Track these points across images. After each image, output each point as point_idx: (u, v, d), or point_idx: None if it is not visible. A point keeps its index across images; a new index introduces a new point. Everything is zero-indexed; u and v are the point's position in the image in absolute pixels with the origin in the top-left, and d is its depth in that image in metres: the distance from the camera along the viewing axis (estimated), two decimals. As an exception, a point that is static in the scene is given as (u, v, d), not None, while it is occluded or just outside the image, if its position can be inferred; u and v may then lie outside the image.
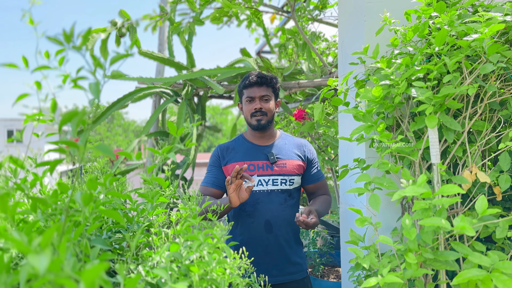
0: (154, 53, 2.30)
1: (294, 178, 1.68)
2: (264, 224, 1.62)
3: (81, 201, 0.75)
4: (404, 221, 1.00)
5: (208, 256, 0.85)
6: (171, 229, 1.00)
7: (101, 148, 0.65)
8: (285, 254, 1.63)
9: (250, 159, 1.68)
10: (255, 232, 1.62)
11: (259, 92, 1.67)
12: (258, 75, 1.70)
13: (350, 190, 1.16)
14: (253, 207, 1.63)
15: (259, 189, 1.64)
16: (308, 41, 2.23)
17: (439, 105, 1.12)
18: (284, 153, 1.70)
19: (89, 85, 0.65)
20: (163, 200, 1.08)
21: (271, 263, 1.61)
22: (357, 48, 1.51)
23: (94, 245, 0.88)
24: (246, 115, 1.71)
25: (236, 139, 1.79)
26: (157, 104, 2.84)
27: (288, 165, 1.68)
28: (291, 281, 1.64)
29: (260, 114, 1.67)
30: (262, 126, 1.68)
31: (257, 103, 1.67)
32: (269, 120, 1.69)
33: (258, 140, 1.74)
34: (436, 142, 1.10)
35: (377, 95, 1.18)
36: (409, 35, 1.26)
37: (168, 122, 0.82)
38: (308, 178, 1.75)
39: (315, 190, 1.78)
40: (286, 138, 1.78)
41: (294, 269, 1.65)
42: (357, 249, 1.10)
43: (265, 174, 1.65)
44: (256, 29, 3.18)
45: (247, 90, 1.70)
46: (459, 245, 1.01)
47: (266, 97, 1.68)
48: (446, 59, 1.09)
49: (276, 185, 1.65)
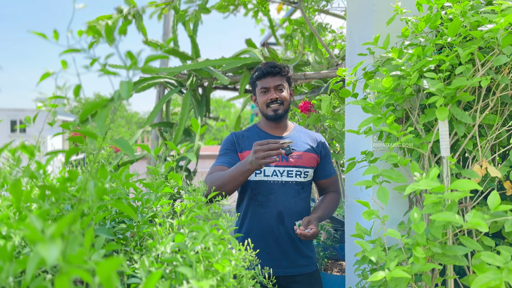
0: (158, 42, 2.28)
1: (308, 171, 1.66)
2: (277, 215, 1.60)
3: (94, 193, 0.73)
4: (413, 215, 0.98)
5: (214, 247, 0.84)
6: (176, 220, 0.98)
7: (120, 143, 0.63)
8: (296, 246, 1.61)
9: None
10: (267, 222, 1.60)
11: (273, 82, 1.64)
12: (271, 64, 1.67)
13: (357, 182, 1.14)
14: (266, 198, 1.61)
15: (273, 180, 1.62)
16: (315, 31, 2.19)
17: (450, 97, 1.09)
18: (300, 145, 1.68)
19: (120, 83, 0.61)
20: (168, 190, 1.06)
21: (282, 254, 1.60)
22: (365, 39, 1.48)
23: (99, 234, 0.86)
24: (262, 106, 1.68)
25: (250, 129, 1.76)
26: (161, 95, 2.82)
27: (304, 157, 1.66)
28: (302, 274, 1.62)
29: (276, 104, 1.65)
30: (279, 116, 1.65)
31: (272, 93, 1.64)
32: (285, 109, 1.67)
33: (273, 130, 1.71)
34: (446, 135, 1.07)
35: (387, 86, 1.16)
36: (421, 25, 1.23)
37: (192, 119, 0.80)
38: (321, 173, 1.72)
39: (326, 186, 1.76)
40: (301, 130, 1.76)
41: (305, 261, 1.64)
42: (364, 242, 1.08)
43: (280, 165, 1.63)
44: (261, 19, 3.14)
45: (260, 81, 1.67)
46: (468, 240, 1.00)
47: (281, 87, 1.66)
48: (459, 50, 1.06)
49: (291, 177, 1.62)
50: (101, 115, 0.50)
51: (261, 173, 1.62)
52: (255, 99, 1.74)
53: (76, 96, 0.64)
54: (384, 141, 1.26)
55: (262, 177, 1.62)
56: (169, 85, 2.66)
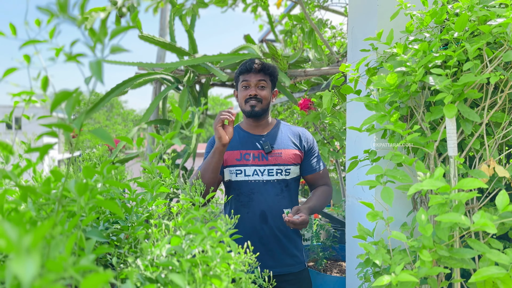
0: (155, 37, 2.22)
1: (290, 168, 1.63)
2: (260, 214, 1.58)
3: (75, 191, 0.69)
4: (419, 217, 0.94)
5: (212, 250, 0.79)
6: (172, 221, 0.94)
7: (98, 133, 0.59)
8: (282, 245, 1.59)
9: (245, 148, 1.64)
10: (250, 222, 1.58)
11: (255, 78, 1.61)
12: (256, 61, 1.64)
13: (361, 182, 1.10)
14: (248, 198, 1.59)
15: (254, 179, 1.60)
16: (315, 27, 2.15)
17: (458, 95, 1.06)
18: (280, 142, 1.65)
19: (89, 64, 0.58)
20: (163, 190, 1.02)
21: (267, 254, 1.57)
22: (368, 34, 1.44)
23: (90, 237, 0.82)
24: (241, 101, 1.65)
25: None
26: (158, 91, 2.76)
27: (283, 154, 1.63)
28: (289, 273, 1.59)
29: (254, 101, 1.61)
30: (255, 113, 1.61)
31: (252, 89, 1.61)
32: (263, 108, 1.63)
33: (253, 129, 1.69)
34: (454, 133, 1.04)
35: (392, 83, 1.12)
36: (427, 20, 1.19)
37: (173, 106, 0.75)
38: (307, 168, 1.69)
39: (315, 180, 1.72)
40: (283, 127, 1.72)
41: (291, 261, 1.61)
42: (367, 245, 1.04)
43: (260, 164, 1.60)
44: (260, 15, 3.08)
45: (243, 76, 1.63)
46: (476, 243, 0.96)
47: (262, 84, 1.62)
48: (467, 45, 1.02)
49: (272, 175, 1.60)
50: (69, 103, 0.45)
51: (242, 173, 1.60)
52: (237, 94, 1.70)
53: (44, 89, 0.59)
54: (388, 140, 1.22)
55: (243, 177, 1.60)
56: (166, 81, 2.61)
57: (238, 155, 1.62)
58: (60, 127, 0.56)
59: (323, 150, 2.17)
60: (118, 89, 2.12)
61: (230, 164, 1.62)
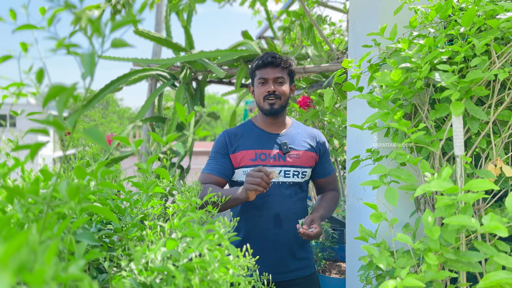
0: (150, 32, 2.17)
1: (306, 171, 1.56)
2: (274, 218, 1.50)
3: (66, 194, 0.64)
4: (426, 219, 0.91)
5: (209, 254, 0.75)
6: (167, 223, 0.89)
7: (90, 133, 0.54)
8: (294, 249, 1.53)
9: (261, 147, 1.55)
10: (263, 226, 1.50)
11: (273, 73, 1.53)
12: (273, 54, 1.55)
13: (364, 182, 1.06)
14: (262, 200, 1.51)
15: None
16: (314, 23, 2.10)
17: (465, 92, 1.02)
18: (297, 143, 1.58)
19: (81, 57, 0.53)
20: (159, 190, 0.97)
21: (279, 260, 1.51)
22: (370, 29, 1.40)
23: (81, 240, 0.77)
24: (258, 98, 1.57)
25: (245, 125, 1.65)
26: (153, 88, 2.71)
27: (302, 156, 1.56)
28: (299, 278, 1.54)
29: (273, 98, 1.53)
30: (274, 111, 1.54)
31: (271, 85, 1.53)
32: (282, 104, 1.56)
33: (269, 127, 1.60)
34: (460, 132, 1.00)
35: (396, 79, 1.08)
36: (432, 14, 1.15)
37: (177, 105, 0.71)
38: (320, 172, 1.64)
39: (325, 184, 1.67)
40: (299, 126, 1.65)
41: (302, 264, 1.55)
42: (370, 248, 1.00)
43: (277, 164, 1.52)
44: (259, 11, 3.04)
45: (260, 71, 1.55)
46: (483, 245, 0.92)
47: (281, 80, 1.54)
48: (474, 41, 0.99)
49: (288, 177, 1.53)
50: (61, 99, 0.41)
51: None
52: (253, 90, 1.63)
53: (39, 81, 0.55)
54: (391, 139, 1.18)
55: None
56: (162, 78, 2.56)
57: (253, 155, 1.54)
58: (51, 125, 0.52)
59: (322, 148, 2.13)
60: (113, 85, 2.07)
61: (244, 165, 1.54)
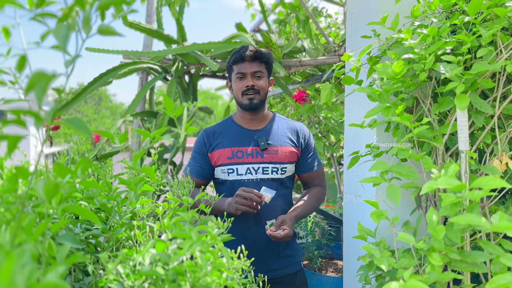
0: (141, 23, 2.09)
1: (286, 166, 1.51)
2: (254, 216, 1.46)
3: (43, 193, 0.58)
4: (430, 217, 0.86)
5: (201, 257, 0.70)
6: (157, 223, 0.84)
7: (73, 122, 0.48)
8: (276, 247, 1.49)
9: (238, 144, 1.51)
10: (243, 225, 1.47)
11: (251, 67, 1.48)
12: (250, 48, 1.51)
13: (364, 179, 1.02)
14: None
15: (247, 178, 1.48)
16: (311, 15, 2.04)
17: (470, 84, 0.97)
18: (276, 139, 1.53)
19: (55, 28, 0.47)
20: (148, 188, 0.91)
21: (261, 258, 1.47)
22: (369, 20, 1.34)
23: (63, 242, 0.71)
24: (237, 93, 1.52)
25: (224, 122, 1.61)
26: (144, 82, 2.63)
27: (280, 152, 1.51)
28: (283, 276, 1.50)
29: (252, 92, 1.49)
30: (254, 106, 1.50)
31: (249, 79, 1.48)
32: (262, 99, 1.51)
33: (248, 123, 1.56)
34: (465, 126, 0.95)
35: (398, 71, 1.03)
36: (435, 3, 1.10)
37: (164, 96, 0.66)
38: (302, 167, 1.58)
39: (309, 179, 1.62)
40: (280, 121, 1.59)
41: (286, 262, 1.51)
42: (370, 247, 0.96)
43: (254, 161, 1.48)
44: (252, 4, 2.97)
45: (237, 66, 1.51)
46: (489, 245, 0.88)
47: (259, 74, 1.50)
48: (481, 30, 0.94)
49: (267, 174, 1.48)
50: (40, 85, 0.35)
51: (234, 172, 1.48)
52: (230, 85, 1.58)
53: (20, 70, 0.49)
54: (392, 134, 1.13)
55: (236, 176, 1.49)
56: (153, 71, 2.48)
57: (229, 153, 1.51)
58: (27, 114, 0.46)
59: (318, 144, 2.08)
60: (101, 78, 2.00)
61: (221, 163, 1.51)
